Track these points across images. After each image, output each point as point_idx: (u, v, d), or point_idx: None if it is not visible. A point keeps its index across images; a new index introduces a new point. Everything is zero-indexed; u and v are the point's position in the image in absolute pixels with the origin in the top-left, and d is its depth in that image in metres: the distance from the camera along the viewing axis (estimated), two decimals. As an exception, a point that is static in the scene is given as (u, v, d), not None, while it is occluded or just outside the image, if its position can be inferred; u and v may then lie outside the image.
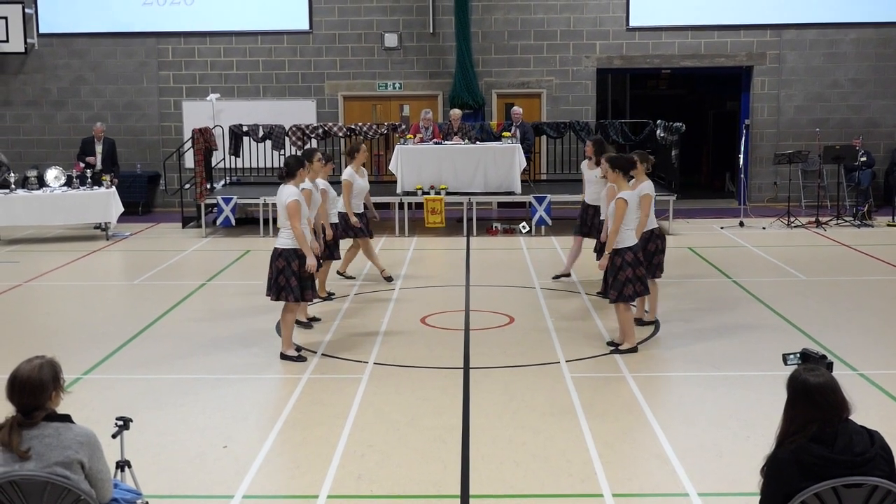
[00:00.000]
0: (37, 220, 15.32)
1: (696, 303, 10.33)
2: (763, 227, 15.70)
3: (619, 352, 8.33)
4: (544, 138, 18.03)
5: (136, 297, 11.36)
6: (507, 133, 16.23)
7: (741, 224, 16.03)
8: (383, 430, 6.55)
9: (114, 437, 4.66)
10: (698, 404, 7.16)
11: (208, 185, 16.45)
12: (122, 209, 15.54)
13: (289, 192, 8.14)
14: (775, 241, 14.59)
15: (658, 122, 17.13)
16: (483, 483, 5.63)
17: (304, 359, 8.25)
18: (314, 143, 17.01)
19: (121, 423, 4.64)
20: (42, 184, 15.56)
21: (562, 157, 17.88)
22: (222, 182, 17.45)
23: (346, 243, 11.44)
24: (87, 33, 18.70)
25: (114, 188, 15.43)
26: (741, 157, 17.28)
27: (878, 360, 8.12)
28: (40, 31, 18.67)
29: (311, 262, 8.16)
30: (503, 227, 15.70)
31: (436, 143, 15.91)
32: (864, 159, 17.31)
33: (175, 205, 17.43)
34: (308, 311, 9.60)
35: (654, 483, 5.66)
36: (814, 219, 15.96)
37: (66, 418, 4.00)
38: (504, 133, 16.36)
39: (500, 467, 5.86)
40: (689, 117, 18.87)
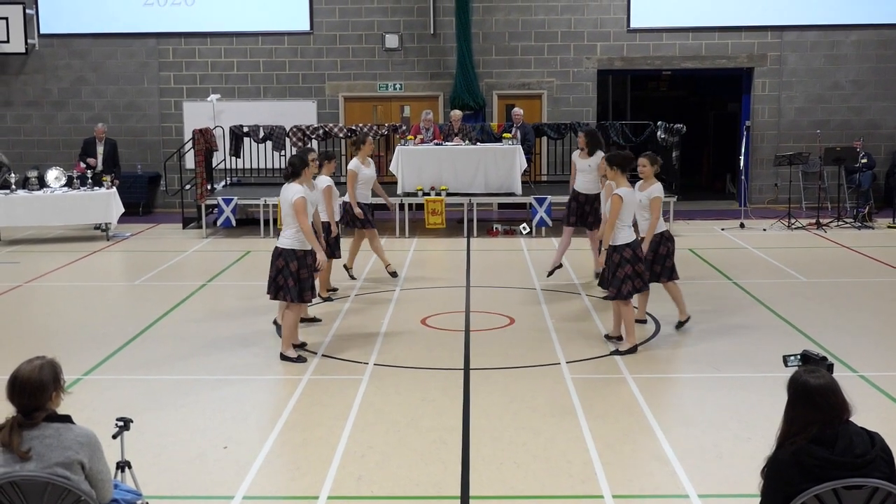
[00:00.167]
0: (37, 221, 15.32)
1: (697, 304, 10.30)
2: (763, 229, 15.70)
3: (620, 353, 8.34)
4: (545, 139, 18.03)
5: (137, 298, 11.37)
6: (508, 134, 16.23)
7: (742, 226, 16.03)
8: (383, 431, 6.55)
9: (114, 437, 4.66)
10: (699, 405, 7.17)
11: (209, 186, 16.46)
12: (123, 210, 15.54)
13: (294, 190, 8.17)
14: (776, 242, 14.59)
15: (659, 123, 17.12)
16: (483, 484, 5.63)
17: (304, 360, 8.25)
18: (315, 143, 17.01)
19: (121, 423, 4.65)
20: (43, 184, 15.57)
21: (562, 158, 17.86)
22: (223, 183, 17.44)
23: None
24: (87, 34, 18.70)
25: (114, 189, 15.43)
26: (742, 158, 17.30)
27: (879, 362, 8.12)
28: (41, 31, 18.66)
29: (322, 257, 8.34)
30: (504, 228, 15.70)
31: (436, 144, 15.90)
32: (864, 161, 17.31)
33: (175, 205, 17.43)
34: (308, 311, 9.59)
35: (655, 484, 5.66)
36: (814, 220, 15.96)
37: (67, 419, 4.00)
38: (505, 134, 16.35)
39: (500, 468, 5.86)
40: (690, 119, 18.88)
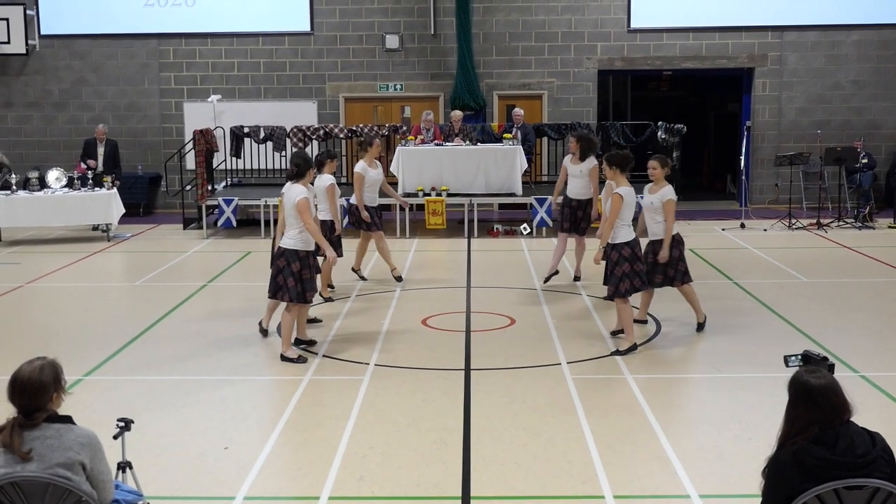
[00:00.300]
0: (38, 222, 15.32)
1: (698, 304, 10.33)
2: (764, 229, 15.69)
3: (620, 352, 8.34)
4: (545, 140, 18.02)
5: (138, 299, 11.37)
6: (509, 134, 16.21)
7: (742, 226, 16.02)
8: (384, 431, 6.55)
9: (115, 438, 4.66)
10: (699, 406, 7.17)
11: (209, 187, 16.45)
12: (124, 210, 15.54)
13: (297, 190, 8.19)
14: (776, 242, 14.59)
15: (659, 123, 17.12)
16: (484, 484, 5.63)
17: (305, 360, 8.25)
18: (315, 144, 17.00)
19: (122, 424, 4.65)
20: (43, 185, 15.56)
21: (563, 158, 17.83)
22: (223, 183, 17.44)
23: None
24: (88, 34, 18.70)
25: (115, 189, 15.44)
26: (742, 158, 17.28)
27: (880, 362, 8.12)
28: (41, 32, 18.66)
29: (331, 254, 8.60)
30: (504, 229, 15.69)
31: (437, 145, 15.90)
32: (865, 161, 17.31)
33: (176, 206, 17.43)
34: (309, 311, 9.57)
35: (656, 485, 5.65)
36: (815, 221, 15.96)
37: (68, 419, 4.00)
38: (505, 135, 16.34)
39: (501, 469, 5.86)
40: (691, 119, 18.89)
